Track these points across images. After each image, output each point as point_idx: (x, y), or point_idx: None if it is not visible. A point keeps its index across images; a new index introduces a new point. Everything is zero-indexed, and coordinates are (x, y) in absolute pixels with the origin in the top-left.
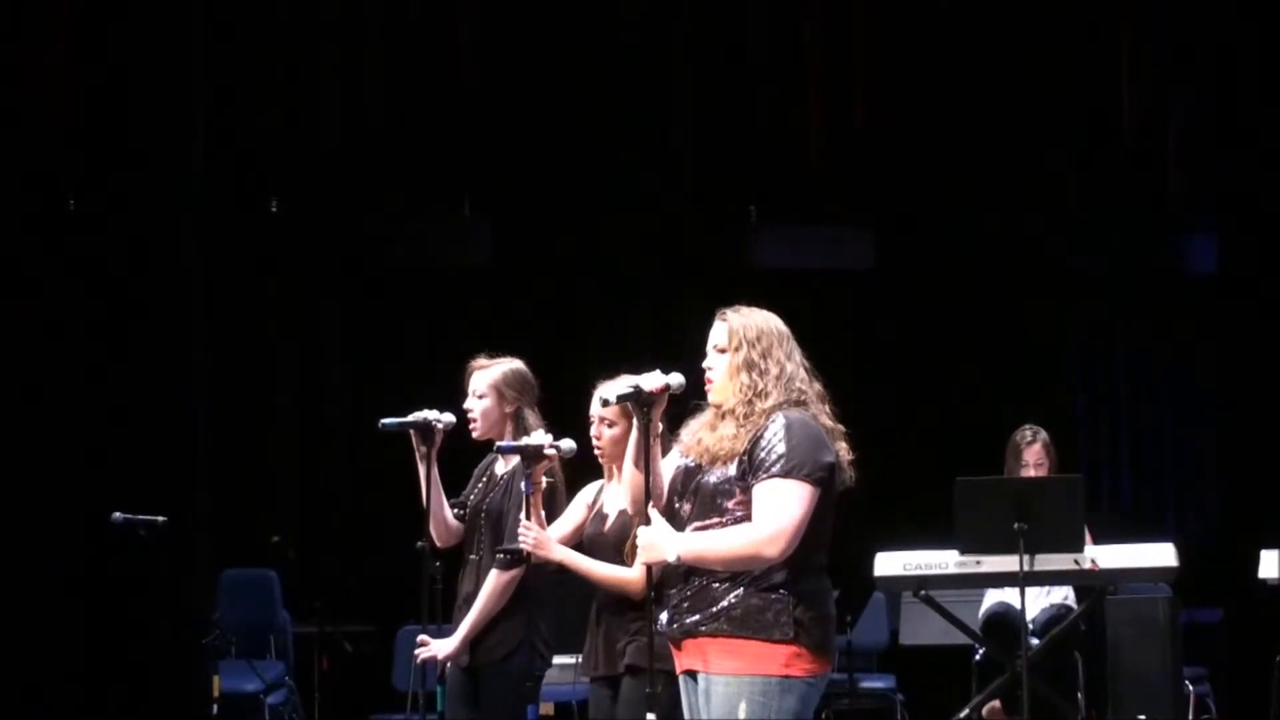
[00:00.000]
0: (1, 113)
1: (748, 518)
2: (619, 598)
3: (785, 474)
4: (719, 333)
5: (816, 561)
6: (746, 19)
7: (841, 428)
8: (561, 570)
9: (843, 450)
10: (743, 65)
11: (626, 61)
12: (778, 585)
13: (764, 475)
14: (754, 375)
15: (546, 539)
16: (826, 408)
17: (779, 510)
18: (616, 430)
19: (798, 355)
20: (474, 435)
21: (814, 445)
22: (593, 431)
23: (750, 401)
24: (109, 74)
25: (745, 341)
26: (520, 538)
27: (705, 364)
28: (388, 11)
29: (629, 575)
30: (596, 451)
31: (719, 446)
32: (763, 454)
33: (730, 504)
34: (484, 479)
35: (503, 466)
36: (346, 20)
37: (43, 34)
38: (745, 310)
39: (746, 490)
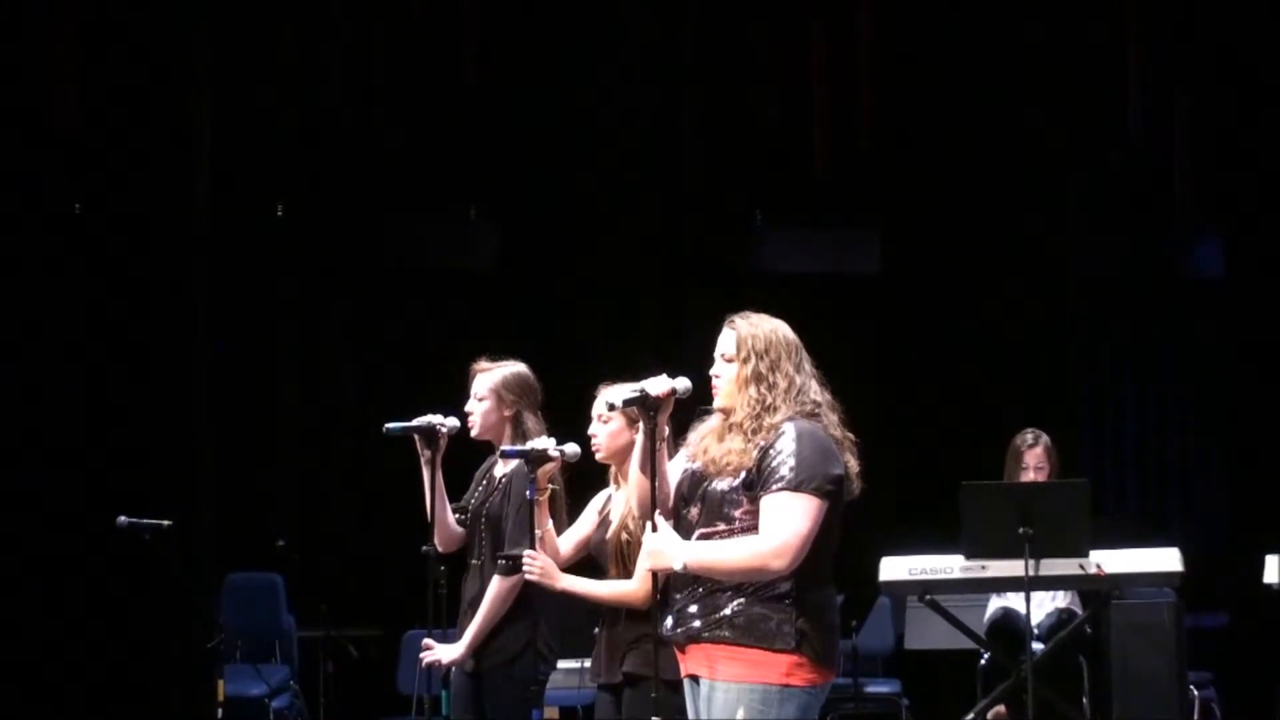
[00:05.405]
0: (8, 116)
1: (754, 527)
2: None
3: (794, 487)
4: (727, 341)
5: (822, 572)
6: (752, 23)
7: (851, 437)
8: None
9: (851, 461)
10: (749, 69)
11: (633, 65)
12: (782, 595)
13: (773, 487)
14: (762, 389)
15: (552, 568)
16: (836, 417)
17: (786, 524)
18: (613, 425)
19: (808, 365)
20: (472, 435)
21: (823, 458)
22: (590, 430)
23: (758, 415)
24: (115, 78)
25: (753, 353)
26: (525, 569)
27: (712, 371)
28: (393, 13)
29: (628, 588)
30: (594, 449)
31: (725, 459)
32: (771, 465)
33: (738, 513)
34: (483, 482)
35: (501, 469)
36: (352, 22)
37: (49, 38)
38: (754, 318)
39: (754, 500)
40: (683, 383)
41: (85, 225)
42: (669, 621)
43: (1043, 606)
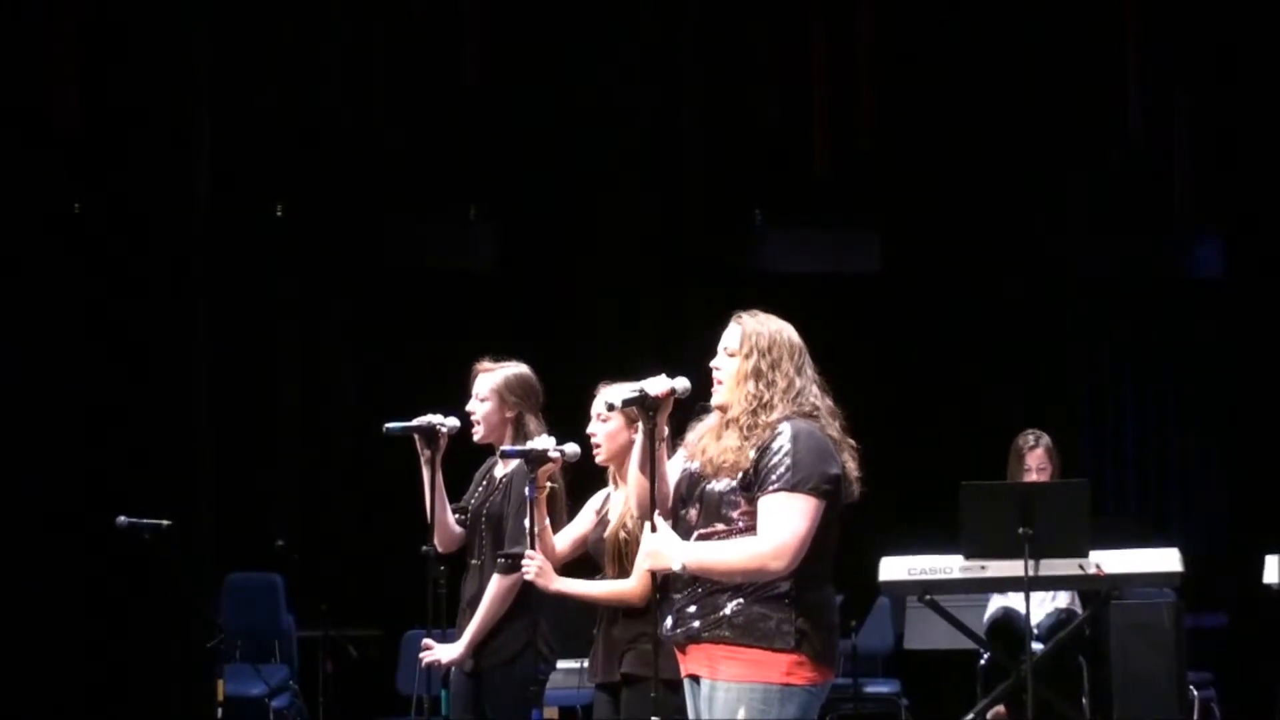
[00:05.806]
0: (8, 116)
1: (752, 528)
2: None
3: (791, 487)
4: (732, 335)
5: (821, 572)
6: (752, 23)
7: (851, 442)
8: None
9: (849, 463)
10: (749, 69)
11: (633, 65)
12: (781, 595)
13: (770, 488)
14: (760, 385)
15: (549, 569)
16: (837, 423)
17: (784, 524)
18: (612, 425)
19: (810, 370)
20: (475, 439)
21: (820, 457)
22: (589, 429)
23: (754, 412)
24: (115, 78)
25: (756, 350)
26: (524, 568)
27: (713, 363)
28: (393, 13)
29: (625, 587)
30: (595, 450)
31: (722, 458)
32: (769, 465)
33: (736, 514)
34: (484, 483)
35: (501, 469)
36: (352, 22)
37: (49, 38)
38: (762, 317)
39: (751, 501)
40: (682, 383)
41: (85, 225)
42: (669, 622)
43: (1043, 606)
